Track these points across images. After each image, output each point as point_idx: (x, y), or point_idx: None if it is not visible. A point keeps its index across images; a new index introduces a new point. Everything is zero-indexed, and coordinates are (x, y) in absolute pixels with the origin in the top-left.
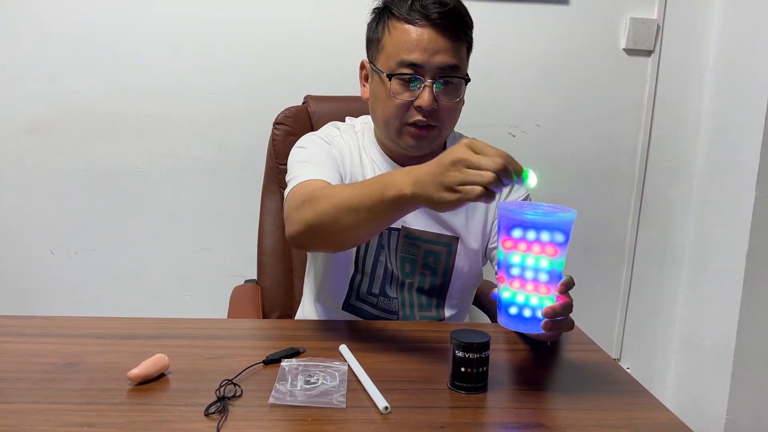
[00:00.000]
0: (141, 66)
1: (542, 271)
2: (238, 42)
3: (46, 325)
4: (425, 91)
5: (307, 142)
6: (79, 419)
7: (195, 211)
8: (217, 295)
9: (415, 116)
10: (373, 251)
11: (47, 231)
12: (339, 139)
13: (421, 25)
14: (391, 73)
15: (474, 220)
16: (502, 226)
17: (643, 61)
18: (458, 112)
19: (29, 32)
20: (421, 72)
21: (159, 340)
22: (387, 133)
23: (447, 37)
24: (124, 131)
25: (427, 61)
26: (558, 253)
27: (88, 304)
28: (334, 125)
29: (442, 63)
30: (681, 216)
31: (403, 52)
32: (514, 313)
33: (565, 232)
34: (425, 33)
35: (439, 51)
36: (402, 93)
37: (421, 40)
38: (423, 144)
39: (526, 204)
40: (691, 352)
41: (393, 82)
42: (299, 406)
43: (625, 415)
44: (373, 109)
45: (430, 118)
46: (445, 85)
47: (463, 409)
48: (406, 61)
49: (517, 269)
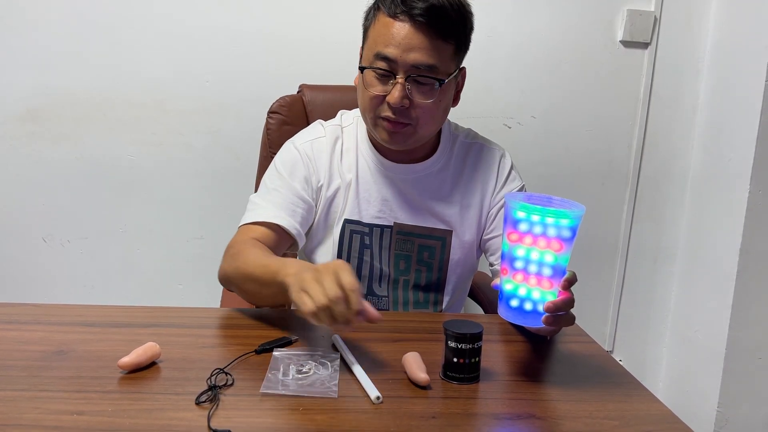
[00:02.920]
0: (134, 54)
1: (546, 265)
2: (233, 30)
3: (36, 312)
4: (395, 88)
5: (280, 160)
6: (68, 407)
7: (188, 199)
8: (210, 284)
9: (386, 111)
10: (357, 252)
11: (39, 219)
12: (320, 142)
13: (402, 20)
14: (366, 66)
15: (469, 212)
16: (509, 217)
17: (639, 53)
18: (438, 112)
19: (22, 20)
20: (394, 68)
21: (150, 328)
22: (366, 124)
23: (426, 34)
24: (118, 120)
25: (400, 57)
26: (564, 249)
27: (80, 292)
28: (320, 124)
29: (416, 61)
30: (675, 210)
31: (380, 45)
32: (515, 306)
33: (573, 228)
34: (404, 28)
35: (414, 48)
36: (376, 86)
37: (398, 36)
38: (397, 138)
39: (536, 196)
40: (684, 345)
41: (367, 73)
42: (291, 395)
43: (617, 407)
44: (358, 97)
45: (400, 115)
46: (419, 85)
47: (455, 399)
48: (381, 54)
49: (521, 262)
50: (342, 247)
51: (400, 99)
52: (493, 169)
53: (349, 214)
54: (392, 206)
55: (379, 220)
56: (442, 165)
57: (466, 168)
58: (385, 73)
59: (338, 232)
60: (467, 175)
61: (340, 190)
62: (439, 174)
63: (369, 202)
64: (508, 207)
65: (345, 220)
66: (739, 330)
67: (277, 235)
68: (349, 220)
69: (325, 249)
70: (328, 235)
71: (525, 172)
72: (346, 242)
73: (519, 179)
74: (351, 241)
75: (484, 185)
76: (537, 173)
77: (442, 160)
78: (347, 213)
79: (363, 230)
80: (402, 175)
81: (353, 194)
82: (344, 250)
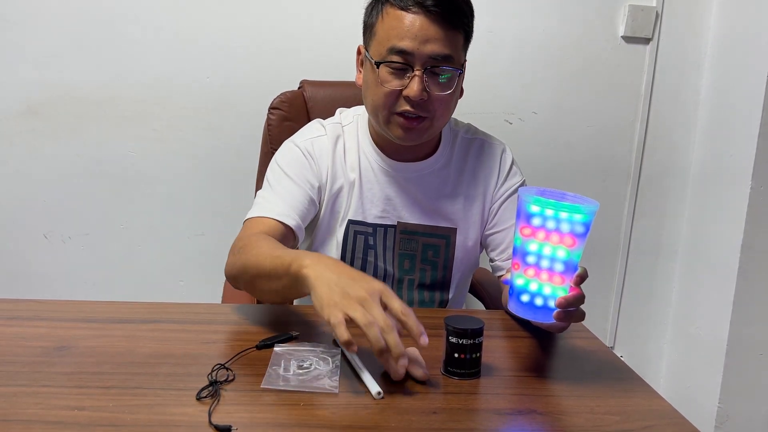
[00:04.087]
0: (135, 50)
1: (559, 261)
2: (234, 26)
3: (37, 308)
4: (414, 81)
5: (283, 159)
6: (69, 403)
7: (189, 196)
8: (212, 280)
9: (403, 106)
10: (361, 253)
11: (41, 216)
12: (321, 141)
13: (414, 11)
14: (380, 61)
15: (472, 209)
16: (522, 212)
17: (641, 49)
18: (452, 103)
19: (23, 17)
20: (411, 60)
21: (151, 324)
22: (376, 121)
23: (440, 25)
24: (118, 116)
25: (417, 50)
26: (576, 244)
27: (81, 289)
28: (319, 123)
29: (434, 52)
30: (676, 206)
31: (393, 38)
32: (525, 301)
33: (586, 223)
34: (417, 20)
35: (430, 39)
36: (391, 81)
37: (413, 27)
38: (412, 135)
39: (549, 191)
40: (685, 341)
41: (382, 69)
42: (292, 390)
43: (618, 402)
44: (365, 96)
45: (419, 108)
46: (437, 76)
47: (456, 395)
48: (396, 48)
49: (533, 257)
50: (346, 249)
51: (420, 92)
52: (495, 164)
53: (353, 214)
54: (396, 205)
55: (382, 220)
56: (444, 162)
57: (468, 164)
58: (402, 67)
59: (342, 234)
60: (469, 172)
61: (344, 190)
62: (442, 171)
63: (372, 202)
64: (522, 201)
65: (349, 220)
66: (741, 326)
67: (282, 232)
68: (353, 220)
69: (329, 250)
70: (331, 236)
71: (526, 168)
72: (350, 243)
73: (520, 174)
74: (355, 241)
75: (486, 181)
76: (538, 169)
77: (444, 157)
78: (351, 213)
79: (367, 230)
80: (405, 173)
81: (357, 194)
82: (348, 251)
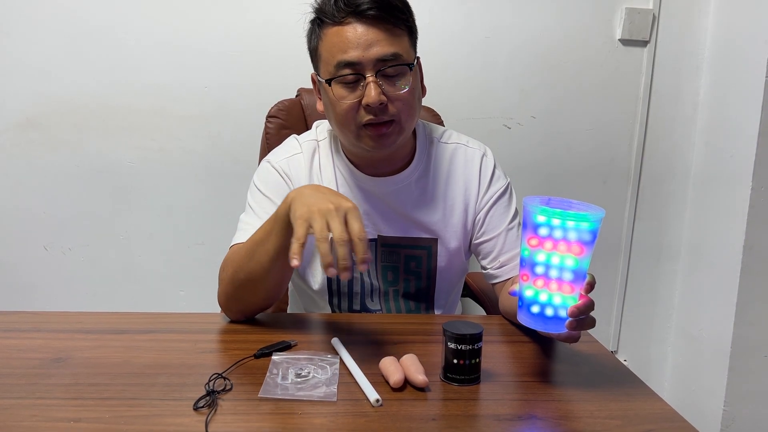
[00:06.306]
0: (133, 60)
1: (567, 270)
2: (231, 35)
3: (34, 320)
4: (369, 87)
5: (260, 181)
6: (66, 414)
7: (189, 205)
8: (212, 290)
9: (366, 116)
10: None
11: (41, 227)
12: (297, 159)
13: (349, 22)
14: (330, 78)
15: (453, 218)
16: (529, 222)
17: (638, 51)
18: (415, 102)
19: (22, 27)
20: (361, 69)
21: (148, 334)
22: (346, 140)
23: (379, 27)
24: (118, 126)
25: (363, 57)
26: (584, 252)
27: (82, 300)
28: (295, 140)
29: (380, 54)
30: (677, 208)
31: (338, 54)
32: (536, 312)
33: (593, 231)
34: (356, 28)
35: (373, 43)
36: (347, 96)
37: (354, 37)
38: (385, 142)
39: (554, 200)
40: (689, 344)
41: (334, 86)
42: (290, 399)
43: (619, 406)
44: (329, 118)
45: (382, 114)
46: (390, 78)
47: (455, 401)
48: (343, 61)
49: (541, 267)
50: None
51: (377, 96)
52: (475, 171)
53: None
54: (375, 220)
55: None
56: (421, 172)
57: (446, 173)
58: (354, 78)
59: None
60: (448, 181)
61: None
62: (419, 182)
63: None
64: (528, 212)
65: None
66: (744, 327)
67: None
68: None
69: (315, 268)
70: (315, 254)
71: (526, 172)
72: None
73: (504, 178)
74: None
75: (467, 189)
76: (538, 173)
77: (421, 167)
78: None
79: None
80: (381, 188)
81: None
82: None
